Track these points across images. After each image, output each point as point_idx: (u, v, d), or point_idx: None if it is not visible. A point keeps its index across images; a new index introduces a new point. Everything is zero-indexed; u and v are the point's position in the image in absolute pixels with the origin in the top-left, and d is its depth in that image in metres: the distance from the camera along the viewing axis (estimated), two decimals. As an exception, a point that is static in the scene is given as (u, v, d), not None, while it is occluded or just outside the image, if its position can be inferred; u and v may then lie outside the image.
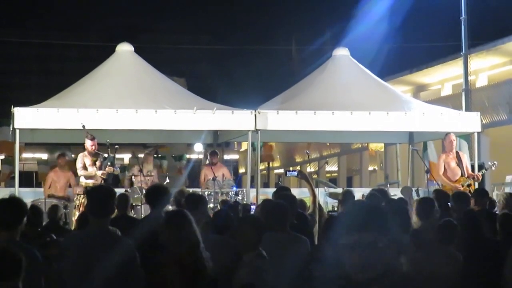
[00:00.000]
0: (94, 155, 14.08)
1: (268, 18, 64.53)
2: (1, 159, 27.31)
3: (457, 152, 14.58)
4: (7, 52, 72.12)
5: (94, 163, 14.00)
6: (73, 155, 26.04)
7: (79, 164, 14.11)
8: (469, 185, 14.01)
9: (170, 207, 9.56)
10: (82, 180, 14.09)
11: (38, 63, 77.21)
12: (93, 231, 5.91)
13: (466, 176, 14.32)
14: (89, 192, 6.52)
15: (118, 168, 14.89)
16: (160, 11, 76.14)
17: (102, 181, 13.81)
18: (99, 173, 13.90)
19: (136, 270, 5.84)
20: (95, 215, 5.92)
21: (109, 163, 13.97)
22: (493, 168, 15.18)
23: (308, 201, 9.17)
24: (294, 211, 7.71)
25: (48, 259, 6.03)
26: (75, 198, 14.16)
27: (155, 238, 6.37)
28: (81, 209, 13.22)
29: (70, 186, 16.31)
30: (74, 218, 13.78)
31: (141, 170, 15.54)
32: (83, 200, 13.48)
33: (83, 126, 14.02)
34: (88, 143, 14.08)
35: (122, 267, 5.73)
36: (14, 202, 5.82)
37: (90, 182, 13.92)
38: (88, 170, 14.02)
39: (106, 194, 6.05)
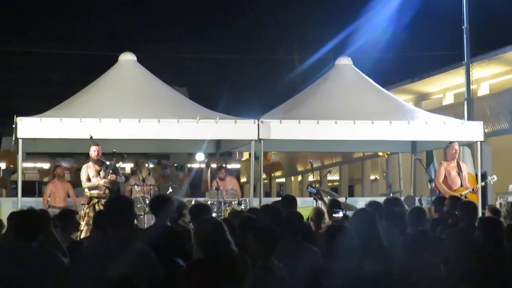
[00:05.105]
0: (97, 162, 14.07)
1: (270, 27, 64.56)
2: (3, 169, 27.36)
3: (457, 162, 14.57)
4: (8, 62, 72.19)
5: (98, 173, 13.99)
6: (74, 164, 26.13)
7: (83, 176, 14.11)
8: (465, 196, 13.98)
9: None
10: (87, 190, 14.09)
11: (39, 73, 77.27)
12: (111, 241, 5.92)
13: (464, 186, 14.32)
14: (106, 204, 6.54)
15: (122, 176, 14.87)
16: (161, 20, 76.27)
17: (106, 190, 13.82)
18: (102, 182, 13.89)
19: (156, 275, 5.88)
20: (112, 228, 5.93)
21: (110, 171, 13.96)
22: (492, 182, 15.19)
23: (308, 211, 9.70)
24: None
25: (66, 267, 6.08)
26: (80, 208, 14.15)
27: (160, 247, 6.40)
28: (85, 219, 13.22)
29: (68, 196, 16.34)
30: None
31: (143, 180, 15.55)
32: (87, 210, 13.48)
33: (91, 137, 14.02)
34: (91, 149, 14.08)
35: (141, 276, 5.76)
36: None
37: (95, 192, 13.92)
38: (92, 181, 14.01)
39: (124, 206, 6.07)
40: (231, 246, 5.85)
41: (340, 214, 8.98)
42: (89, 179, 14.06)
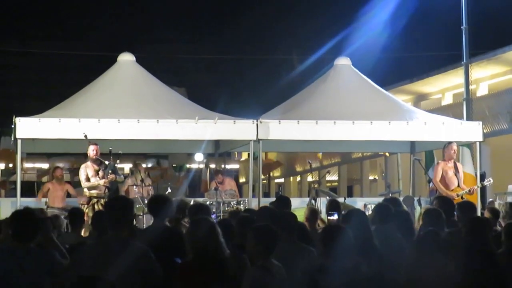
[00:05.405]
0: (96, 161, 14.08)
1: (269, 28, 64.57)
2: (1, 170, 27.36)
3: (454, 162, 14.57)
4: (7, 62, 72.17)
5: (97, 173, 13.99)
6: (70, 166, 26.14)
7: (82, 176, 14.12)
8: (462, 197, 13.98)
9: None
10: (86, 190, 14.09)
11: (38, 73, 77.26)
12: (110, 241, 5.91)
13: (461, 187, 14.31)
14: (106, 204, 6.53)
15: (122, 176, 14.87)
16: (160, 21, 76.26)
17: (106, 190, 13.82)
18: (102, 182, 13.90)
19: (155, 275, 5.87)
20: (112, 228, 5.93)
21: (110, 171, 13.96)
22: (488, 184, 15.19)
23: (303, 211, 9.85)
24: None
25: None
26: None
27: (159, 247, 6.39)
28: (85, 218, 13.20)
29: (69, 196, 16.31)
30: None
31: (142, 180, 15.54)
32: (87, 210, 13.46)
33: (85, 136, 14.02)
34: (90, 148, 14.10)
35: (141, 276, 5.76)
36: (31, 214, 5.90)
37: (94, 192, 13.93)
38: (91, 181, 14.01)
39: (123, 206, 6.06)
40: (222, 248, 5.82)
41: (335, 217, 8.92)
42: (88, 179, 14.06)
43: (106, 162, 14.04)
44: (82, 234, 11.89)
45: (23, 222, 5.92)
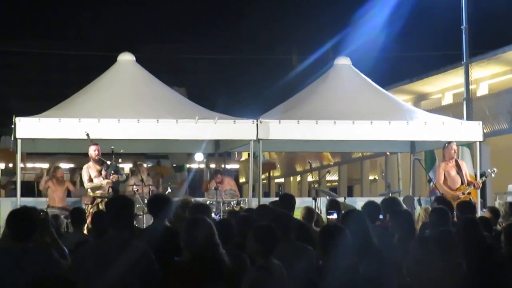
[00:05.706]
0: (98, 161, 14.06)
1: (268, 28, 64.61)
2: (1, 169, 27.33)
3: (456, 160, 14.56)
4: (7, 62, 72.20)
5: (99, 173, 13.98)
6: (72, 165, 26.13)
7: (85, 177, 14.10)
8: (469, 193, 13.99)
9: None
10: (90, 190, 14.08)
11: (38, 73, 77.27)
12: (111, 241, 5.90)
13: (466, 184, 14.29)
14: (107, 203, 6.51)
15: (124, 175, 14.86)
16: (160, 20, 76.26)
17: (110, 189, 13.81)
18: (105, 182, 13.89)
19: (155, 275, 5.86)
20: (112, 227, 5.92)
21: (112, 171, 13.95)
22: (493, 175, 15.16)
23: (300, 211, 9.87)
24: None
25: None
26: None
27: (159, 247, 6.38)
28: (89, 219, 13.19)
29: (69, 194, 16.29)
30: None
31: (142, 180, 15.55)
32: (91, 210, 13.43)
33: (87, 135, 14.01)
34: (91, 149, 14.09)
35: (140, 276, 5.75)
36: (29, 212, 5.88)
37: (98, 192, 13.92)
38: (94, 181, 14.00)
39: (124, 205, 6.05)
40: (218, 248, 5.81)
41: (335, 216, 8.90)
42: (91, 180, 14.04)
43: (108, 162, 14.03)
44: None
45: (20, 221, 5.90)
